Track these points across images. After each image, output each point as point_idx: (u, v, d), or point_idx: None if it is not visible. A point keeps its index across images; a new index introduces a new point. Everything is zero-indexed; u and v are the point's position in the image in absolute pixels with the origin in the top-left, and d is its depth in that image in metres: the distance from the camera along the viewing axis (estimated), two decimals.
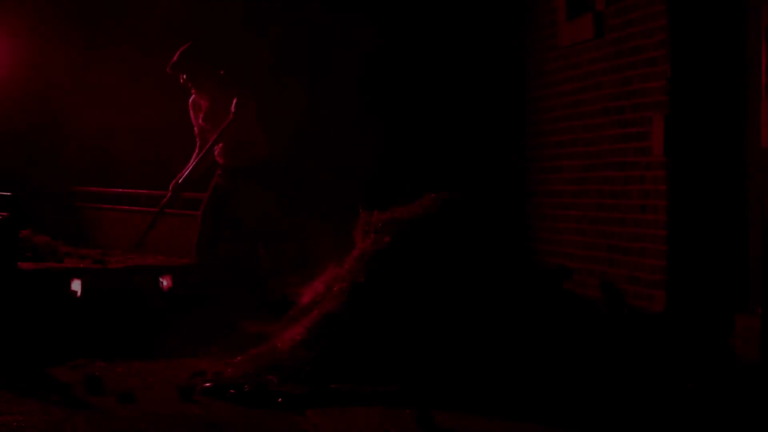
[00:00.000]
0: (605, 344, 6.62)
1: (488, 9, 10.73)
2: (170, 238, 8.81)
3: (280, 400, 5.94)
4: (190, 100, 8.59)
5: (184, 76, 8.34)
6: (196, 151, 8.63)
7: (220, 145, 8.41)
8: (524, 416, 5.63)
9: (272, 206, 8.32)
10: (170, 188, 8.53)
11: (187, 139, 10.08)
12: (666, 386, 6.19)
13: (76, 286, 7.78)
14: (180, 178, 8.51)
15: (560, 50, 9.25)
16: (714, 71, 7.52)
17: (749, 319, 7.07)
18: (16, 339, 7.26)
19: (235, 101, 8.22)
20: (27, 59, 10.25)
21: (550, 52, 9.47)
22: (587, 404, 5.88)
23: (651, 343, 6.84)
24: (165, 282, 8.15)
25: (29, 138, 10.21)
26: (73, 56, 10.28)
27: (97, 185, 9.79)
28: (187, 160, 9.37)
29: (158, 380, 6.64)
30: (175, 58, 8.32)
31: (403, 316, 6.38)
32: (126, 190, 9.38)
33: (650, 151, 7.74)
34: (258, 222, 8.34)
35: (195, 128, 8.66)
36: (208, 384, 6.26)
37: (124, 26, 10.41)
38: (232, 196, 8.39)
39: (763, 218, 6.87)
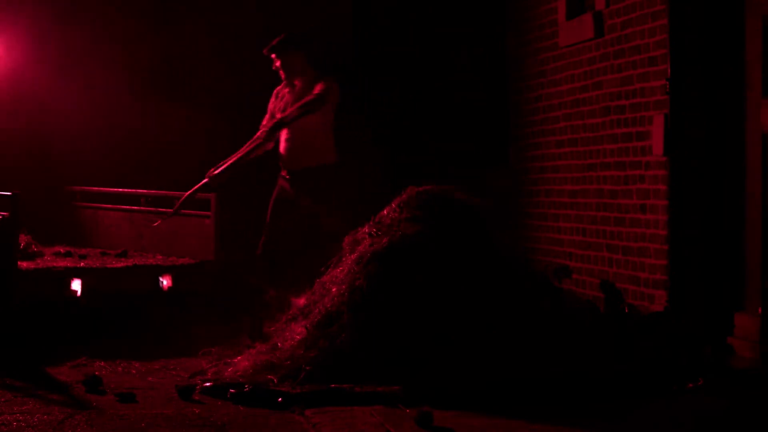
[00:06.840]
0: (605, 343, 6.63)
1: (488, 9, 10.73)
2: (170, 238, 8.81)
3: (280, 399, 5.94)
4: (276, 89, 8.22)
5: (278, 63, 8.03)
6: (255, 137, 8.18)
7: (285, 147, 8.03)
8: (524, 415, 5.63)
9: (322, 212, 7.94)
10: (206, 175, 8.06)
11: (187, 139, 10.11)
12: (666, 385, 6.19)
13: (76, 286, 7.79)
14: (223, 164, 8.05)
15: (560, 50, 9.25)
16: (714, 71, 7.52)
17: (749, 319, 7.08)
18: (16, 339, 7.27)
19: (320, 86, 7.88)
20: (25, 58, 10.25)
21: (550, 51, 9.47)
22: (587, 403, 5.88)
23: (651, 342, 6.85)
24: (165, 282, 8.15)
25: (28, 138, 10.20)
26: (72, 55, 10.28)
27: (97, 185, 9.79)
28: (185, 161, 9.36)
29: (158, 380, 6.65)
30: (274, 42, 7.99)
31: (402, 316, 6.37)
32: (126, 190, 9.37)
33: (650, 150, 7.75)
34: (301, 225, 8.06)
35: (266, 117, 8.22)
36: (208, 384, 6.26)
37: (123, 25, 10.40)
38: (294, 201, 8.00)
39: (762, 218, 6.87)
